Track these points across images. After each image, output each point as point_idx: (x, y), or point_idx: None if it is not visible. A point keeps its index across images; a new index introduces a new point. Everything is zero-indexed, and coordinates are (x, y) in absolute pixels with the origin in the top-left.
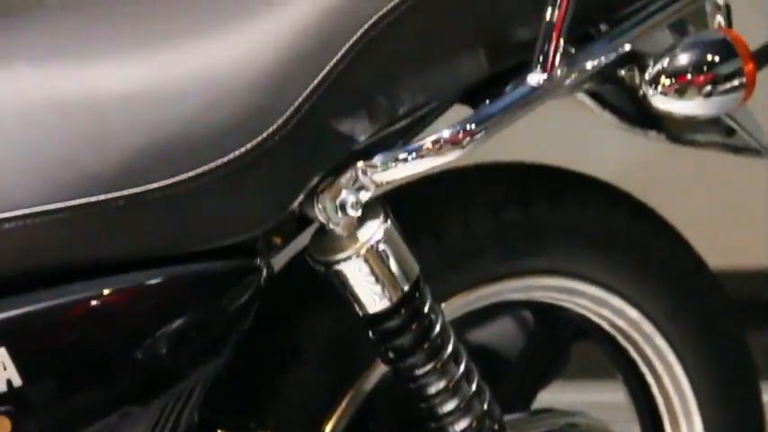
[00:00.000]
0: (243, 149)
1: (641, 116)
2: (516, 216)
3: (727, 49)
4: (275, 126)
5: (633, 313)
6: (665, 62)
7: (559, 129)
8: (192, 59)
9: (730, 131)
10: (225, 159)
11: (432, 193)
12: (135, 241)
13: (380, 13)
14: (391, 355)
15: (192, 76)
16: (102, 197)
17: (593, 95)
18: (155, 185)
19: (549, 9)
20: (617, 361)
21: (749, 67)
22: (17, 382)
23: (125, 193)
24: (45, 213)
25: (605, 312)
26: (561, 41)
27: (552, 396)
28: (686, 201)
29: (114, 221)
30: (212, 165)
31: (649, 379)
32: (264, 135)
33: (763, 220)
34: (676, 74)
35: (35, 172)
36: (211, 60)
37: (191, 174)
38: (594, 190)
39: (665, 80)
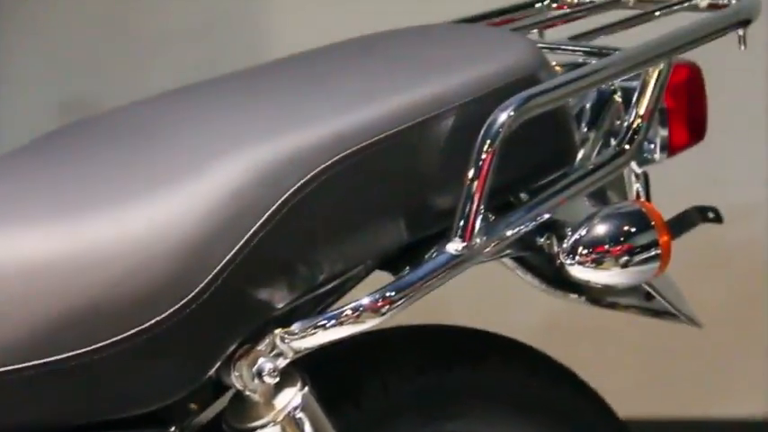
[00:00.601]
0: (160, 317)
1: (561, 280)
2: (437, 380)
3: (642, 220)
4: (193, 294)
5: None
6: (582, 232)
7: (481, 288)
8: (110, 227)
9: (649, 296)
10: (142, 327)
11: (351, 357)
12: (49, 410)
13: (299, 183)
14: None
15: (109, 244)
16: (14, 367)
17: (515, 258)
18: (70, 354)
19: (469, 178)
20: None
21: (664, 238)
22: None
23: (39, 362)
24: None
25: None
26: (481, 210)
27: None
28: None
29: (28, 391)
30: (129, 332)
31: None
32: (182, 302)
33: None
34: (593, 244)
35: None
36: (130, 228)
37: (106, 342)
38: (516, 353)
39: (582, 250)
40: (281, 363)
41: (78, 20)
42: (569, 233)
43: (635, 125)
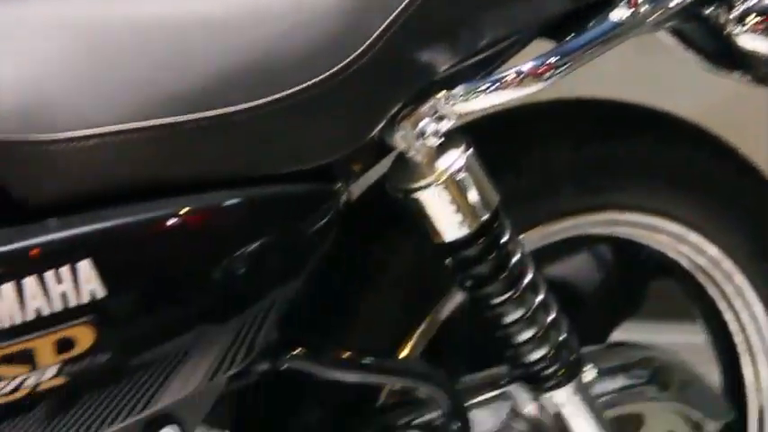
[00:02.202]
0: (325, 75)
1: (726, 56)
2: (597, 151)
3: None
4: (358, 52)
5: (713, 250)
6: None
7: (638, 68)
8: None
9: None
10: (307, 84)
11: (513, 127)
12: (215, 162)
13: None
14: (469, 283)
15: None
16: (183, 118)
17: (677, 33)
18: (237, 107)
19: None
20: (695, 299)
21: None
22: (100, 293)
23: (207, 114)
24: (126, 132)
25: (684, 249)
26: None
27: (629, 336)
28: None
29: (196, 142)
30: (295, 89)
31: (728, 317)
32: (347, 61)
33: None
34: (765, 11)
35: (116, 92)
36: None
37: (273, 97)
38: (678, 128)
39: (752, 18)
40: (445, 125)
41: None
42: (738, 1)
43: None
